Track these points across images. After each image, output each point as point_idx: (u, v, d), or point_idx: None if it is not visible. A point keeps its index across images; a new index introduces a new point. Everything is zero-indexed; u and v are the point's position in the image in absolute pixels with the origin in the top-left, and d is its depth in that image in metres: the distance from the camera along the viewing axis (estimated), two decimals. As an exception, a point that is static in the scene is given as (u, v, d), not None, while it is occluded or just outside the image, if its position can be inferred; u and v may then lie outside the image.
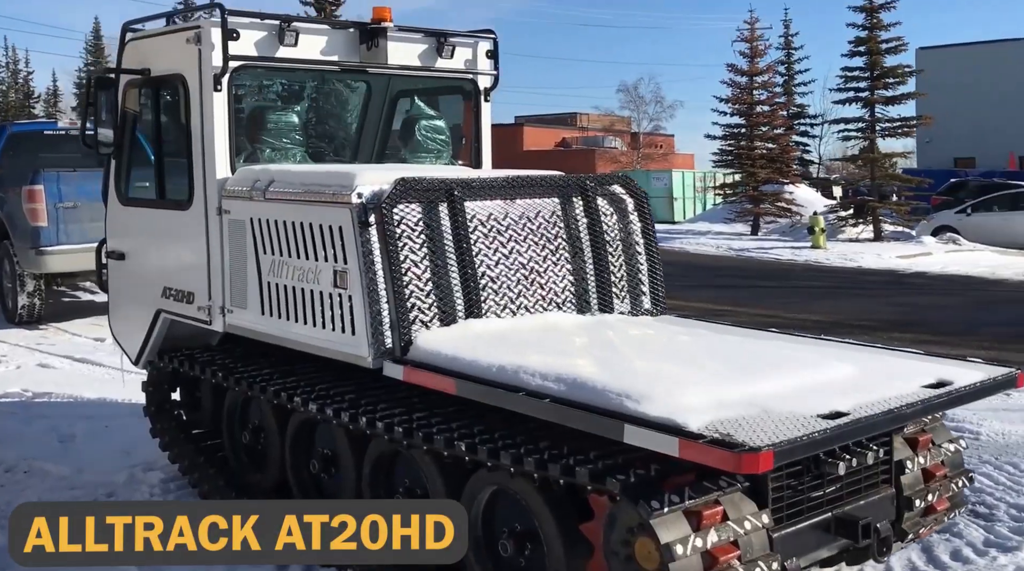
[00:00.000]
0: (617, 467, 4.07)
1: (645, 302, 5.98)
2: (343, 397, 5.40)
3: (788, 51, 33.95)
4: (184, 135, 6.23)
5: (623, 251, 5.93)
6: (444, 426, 4.79)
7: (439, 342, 4.96)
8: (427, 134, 6.90)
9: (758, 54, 32.32)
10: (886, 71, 27.77)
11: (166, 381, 6.98)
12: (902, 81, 28.29)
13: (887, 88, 28.17)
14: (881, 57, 27.94)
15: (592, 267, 5.79)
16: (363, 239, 5.08)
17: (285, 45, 6.14)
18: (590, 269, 5.79)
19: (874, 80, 27.94)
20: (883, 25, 28.15)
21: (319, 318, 5.38)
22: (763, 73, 32.82)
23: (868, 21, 28.17)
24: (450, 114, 7.39)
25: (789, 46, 34.13)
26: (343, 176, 5.24)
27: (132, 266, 6.92)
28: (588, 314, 5.71)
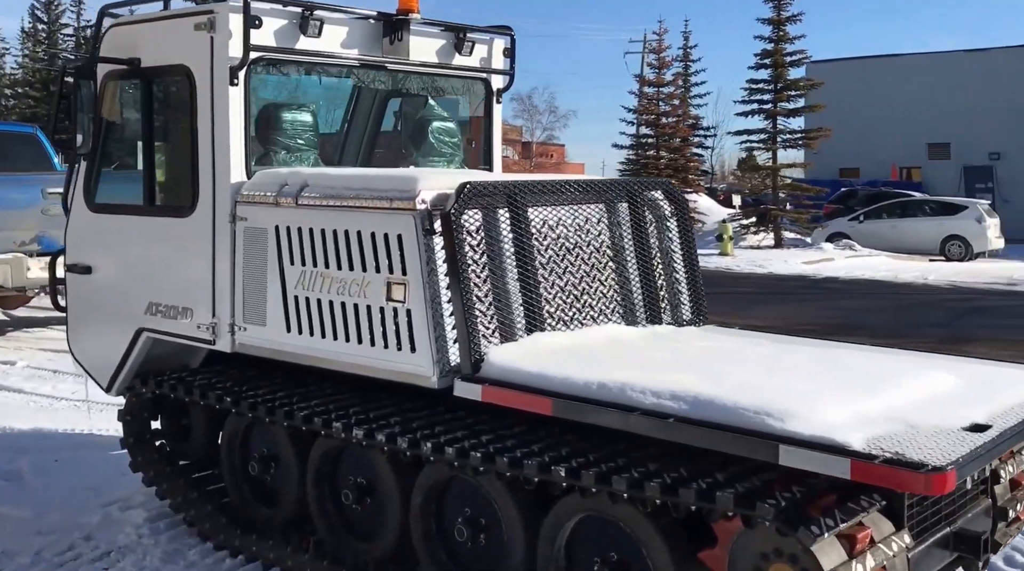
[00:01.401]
0: (756, 491, 3.73)
1: (687, 312, 5.67)
2: (388, 420, 4.92)
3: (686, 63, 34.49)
4: (187, 135, 5.63)
5: (667, 259, 5.62)
6: (525, 450, 4.37)
7: (514, 358, 4.54)
8: (440, 137, 6.46)
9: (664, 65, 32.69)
10: (789, 83, 28.39)
11: (146, 409, 6.32)
12: (803, 94, 28.99)
13: (789, 100, 28.82)
14: (785, 70, 28.57)
15: (639, 276, 5.46)
16: (427, 248, 4.63)
17: (308, 36, 5.61)
18: (636, 278, 5.46)
19: (778, 92, 28.54)
20: (789, 38, 28.79)
21: (365, 335, 4.89)
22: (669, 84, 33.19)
23: (775, 34, 28.77)
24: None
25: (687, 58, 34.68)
26: (403, 180, 4.77)
27: (102, 280, 6.24)
28: (638, 326, 5.37)
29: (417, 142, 6.47)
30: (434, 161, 6.46)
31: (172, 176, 5.98)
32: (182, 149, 5.73)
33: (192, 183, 5.59)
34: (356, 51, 5.92)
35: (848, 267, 23.49)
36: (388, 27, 6.01)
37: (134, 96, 6.13)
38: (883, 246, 27.26)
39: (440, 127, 6.47)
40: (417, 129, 6.48)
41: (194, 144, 5.55)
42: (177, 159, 5.85)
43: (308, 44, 5.65)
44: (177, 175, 5.88)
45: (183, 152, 5.70)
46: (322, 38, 5.69)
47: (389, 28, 6.01)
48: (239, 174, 5.45)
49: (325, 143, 6.61)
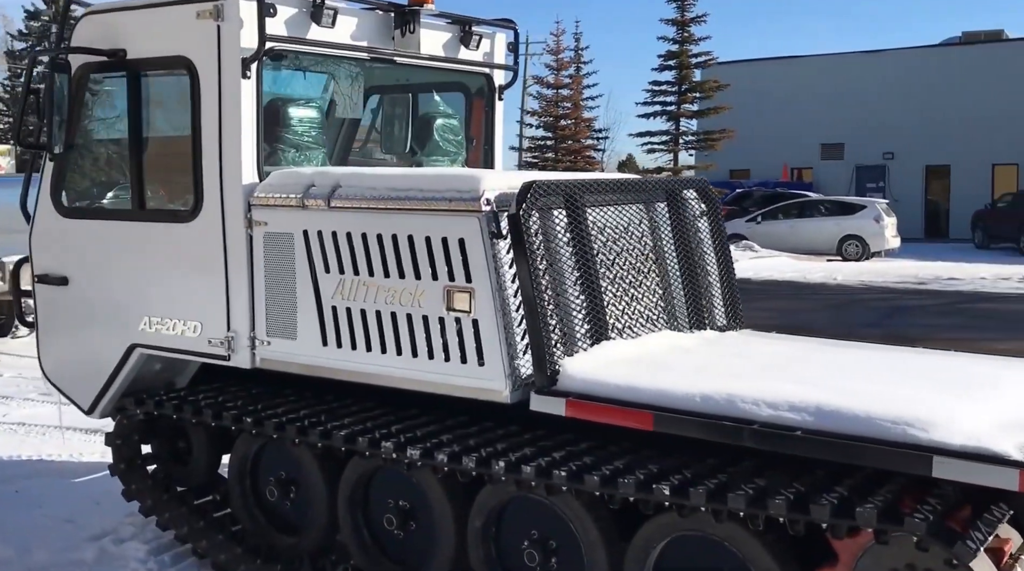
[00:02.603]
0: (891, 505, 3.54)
1: (723, 316, 5.46)
2: (441, 438, 4.57)
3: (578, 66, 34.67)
4: (187, 133, 5.14)
5: (705, 261, 5.40)
6: (612, 466, 4.09)
7: (592, 369, 4.24)
8: (444, 134, 6.11)
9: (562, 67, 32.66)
10: (695, 85, 28.69)
11: (137, 431, 5.77)
12: (709, 96, 29.30)
13: (693, 102, 29.10)
14: (691, 71, 28.84)
15: (681, 279, 5.22)
16: (494, 252, 4.29)
17: (321, 26, 5.19)
18: (678, 281, 5.22)
19: (682, 94, 28.80)
20: (694, 39, 29.08)
21: (421, 348, 4.51)
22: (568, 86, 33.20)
23: (678, 35, 29.01)
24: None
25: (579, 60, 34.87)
26: (463, 179, 4.41)
27: (83, 293, 5.67)
28: (685, 331, 5.13)
29: (422, 140, 6.11)
30: (438, 160, 6.10)
31: (168, 178, 5.46)
32: (180, 148, 5.22)
33: (195, 185, 5.11)
34: (366, 43, 5.52)
35: (755, 268, 23.78)
36: (400, 19, 5.63)
37: (115, 91, 5.59)
38: (781, 247, 27.70)
39: (445, 124, 6.12)
40: (422, 126, 6.12)
41: (197, 143, 5.07)
42: (173, 159, 5.34)
43: (321, 35, 5.24)
44: (174, 177, 5.38)
45: (182, 152, 5.20)
46: (335, 28, 5.28)
47: (401, 20, 5.63)
48: (251, 175, 4.99)
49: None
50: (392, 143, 6.64)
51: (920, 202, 37.44)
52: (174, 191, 5.37)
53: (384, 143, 6.66)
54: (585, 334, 4.47)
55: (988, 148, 36.26)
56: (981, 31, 40.04)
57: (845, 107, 37.90)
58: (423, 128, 6.09)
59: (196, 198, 5.10)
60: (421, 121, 6.12)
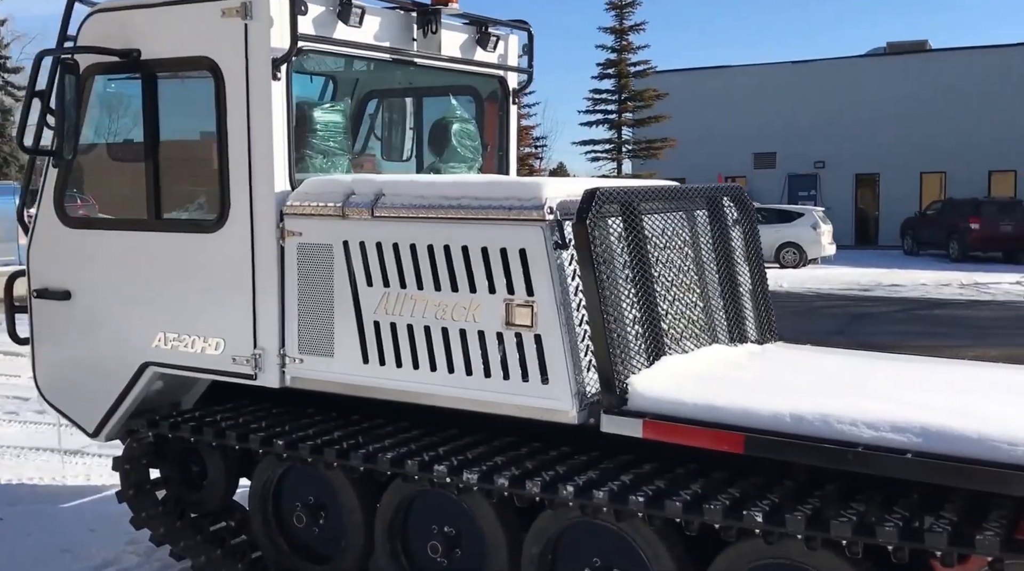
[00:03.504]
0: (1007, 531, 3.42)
1: (758, 329, 5.32)
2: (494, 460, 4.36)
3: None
4: (212, 138, 4.84)
5: (743, 270, 5.26)
6: (691, 491, 3.91)
7: (663, 388, 4.06)
8: (462, 140, 5.88)
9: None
10: (635, 94, 28.79)
11: (147, 455, 5.43)
12: (648, 104, 29.41)
13: (634, 111, 29.17)
14: (629, 80, 28.90)
15: (721, 289, 5.08)
16: (559, 264, 4.08)
17: (349, 25, 4.94)
18: (719, 291, 5.07)
19: (622, 103, 28.84)
20: (632, 47, 29.15)
21: (477, 365, 4.28)
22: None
23: (617, 43, 29.05)
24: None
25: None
26: (524, 186, 4.19)
27: (88, 308, 5.33)
28: (729, 344, 4.99)
29: (439, 146, 5.87)
30: (455, 167, 5.88)
31: (188, 186, 5.14)
32: (203, 155, 4.94)
33: (220, 194, 4.81)
34: (389, 43, 5.28)
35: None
36: (421, 18, 5.41)
37: (126, 93, 5.25)
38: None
39: (462, 129, 5.89)
40: (439, 131, 5.88)
41: (223, 149, 4.77)
42: (195, 166, 5.04)
43: (347, 34, 4.99)
44: (196, 184, 5.07)
45: (205, 158, 4.91)
46: (362, 28, 5.03)
47: (422, 20, 5.41)
48: (283, 183, 4.72)
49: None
50: (391, 149, 6.40)
51: (850, 210, 38.12)
52: (195, 200, 5.06)
53: (383, 149, 6.42)
54: (646, 349, 4.29)
55: (915, 157, 37.08)
56: (905, 42, 40.93)
57: (776, 116, 38.44)
58: (440, 133, 5.84)
59: (221, 207, 4.80)
60: (438, 126, 5.87)
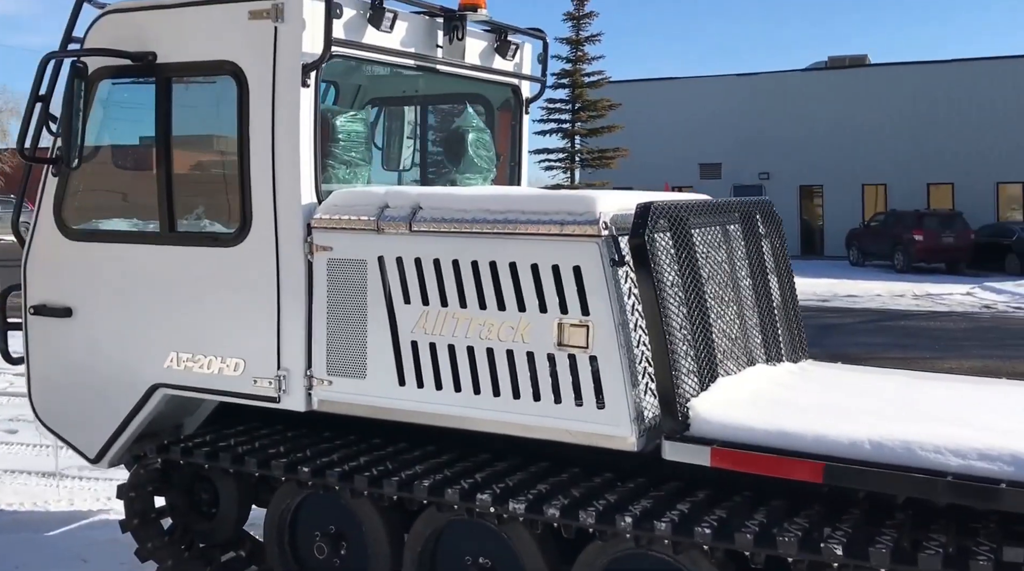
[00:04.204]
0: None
1: (790, 346, 5.19)
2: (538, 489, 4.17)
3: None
4: (232, 147, 4.58)
5: (776, 286, 5.13)
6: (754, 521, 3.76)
7: (726, 412, 3.90)
8: (477, 150, 5.68)
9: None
10: (589, 104, 28.74)
11: (152, 482, 5.13)
12: (601, 114, 29.41)
13: (588, 121, 29.15)
14: (584, 90, 28.87)
15: (757, 307, 4.94)
16: (616, 281, 3.90)
17: (381, 30, 4.72)
18: (755, 308, 4.94)
19: (576, 112, 28.77)
20: (588, 58, 29.12)
21: (525, 388, 4.07)
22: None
23: (573, 54, 29.01)
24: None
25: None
26: (577, 200, 4.00)
27: (92, 326, 5.02)
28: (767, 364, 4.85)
29: (455, 156, 5.67)
30: (471, 178, 5.68)
31: (206, 197, 4.87)
32: (223, 164, 4.68)
33: (242, 206, 4.55)
34: (415, 50, 5.07)
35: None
36: (447, 25, 5.21)
37: (138, 98, 4.96)
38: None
39: (478, 139, 5.69)
40: (455, 141, 5.67)
41: (244, 158, 4.51)
42: (214, 176, 4.77)
43: (377, 39, 4.76)
44: (214, 196, 4.80)
45: (225, 168, 4.66)
46: (393, 33, 4.82)
47: (449, 26, 5.21)
48: (309, 194, 4.47)
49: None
50: (388, 159, 6.19)
51: (795, 220, 38.52)
52: (213, 212, 4.78)
53: (382, 159, 6.20)
54: (701, 371, 4.12)
55: (857, 169, 37.64)
56: (846, 56, 41.53)
57: (722, 128, 38.81)
58: (457, 143, 5.64)
59: (243, 220, 4.54)
60: (454, 136, 5.67)
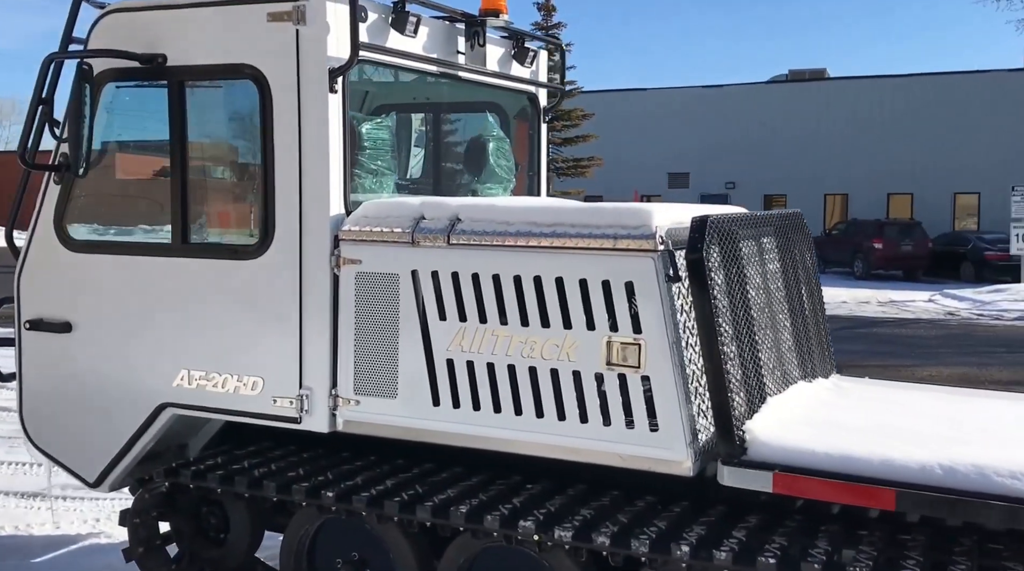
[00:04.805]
0: None
1: (821, 361, 5.05)
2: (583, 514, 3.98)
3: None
4: (252, 155, 4.35)
5: (806, 300, 4.99)
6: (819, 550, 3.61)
7: (784, 435, 3.73)
8: (498, 160, 5.50)
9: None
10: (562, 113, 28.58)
11: (158, 507, 4.87)
12: (575, 123, 29.31)
13: (561, 130, 29.03)
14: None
15: (792, 321, 4.79)
16: (671, 298, 3.72)
17: (405, 35, 4.51)
18: (788, 324, 4.79)
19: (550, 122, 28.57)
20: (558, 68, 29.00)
21: (571, 409, 3.88)
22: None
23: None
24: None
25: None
26: (631, 213, 3.81)
27: (92, 342, 4.75)
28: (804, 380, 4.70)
29: (476, 166, 5.47)
30: (491, 188, 5.49)
31: (223, 207, 4.62)
32: (242, 173, 4.44)
33: (264, 216, 4.31)
34: (436, 55, 4.87)
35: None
36: (470, 29, 5.01)
37: (144, 102, 4.71)
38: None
39: (498, 148, 5.51)
40: (476, 150, 5.48)
41: (268, 167, 4.28)
42: (232, 186, 4.53)
43: (399, 44, 4.56)
44: (232, 206, 4.56)
45: (244, 176, 4.43)
46: (416, 38, 4.62)
47: (471, 31, 5.01)
48: (338, 205, 4.25)
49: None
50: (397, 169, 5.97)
51: (759, 229, 38.76)
52: (230, 222, 4.54)
53: None
54: (751, 391, 3.96)
55: (819, 179, 38.07)
56: (806, 70, 41.93)
57: (689, 138, 39.09)
58: (478, 153, 5.45)
59: (265, 231, 4.30)
60: (475, 145, 5.48)
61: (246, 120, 4.38)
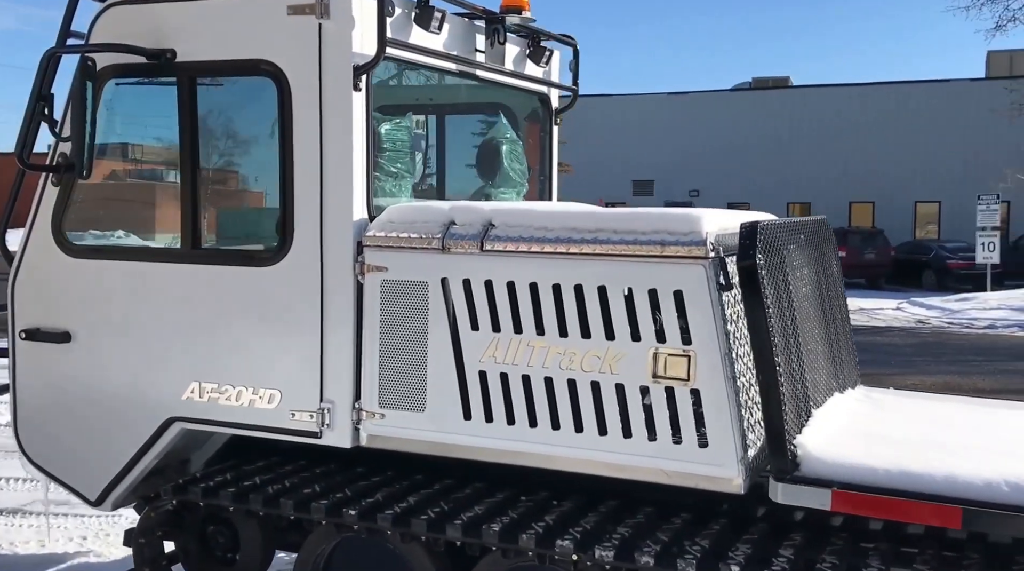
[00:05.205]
0: None
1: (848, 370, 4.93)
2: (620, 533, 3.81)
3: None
4: (269, 156, 4.14)
5: (835, 309, 4.86)
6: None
7: (839, 450, 3.60)
8: (512, 163, 5.33)
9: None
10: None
11: (164, 525, 4.62)
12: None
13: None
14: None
15: (825, 330, 4.66)
16: (721, 307, 3.57)
17: (430, 31, 4.32)
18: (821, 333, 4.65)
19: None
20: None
21: (614, 423, 3.71)
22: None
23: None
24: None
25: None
26: (679, 219, 3.65)
27: (93, 353, 4.51)
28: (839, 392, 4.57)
29: (490, 169, 5.29)
30: (505, 192, 5.31)
31: (238, 211, 4.40)
32: (258, 175, 4.23)
33: (283, 221, 4.10)
34: (456, 53, 4.69)
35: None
36: (490, 27, 4.84)
37: (150, 100, 4.48)
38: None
39: (512, 151, 5.34)
40: (490, 154, 5.29)
41: (286, 168, 4.07)
42: (248, 188, 4.30)
43: (422, 40, 4.37)
44: (247, 209, 4.34)
45: (261, 179, 4.21)
46: (441, 35, 4.44)
47: (491, 28, 4.84)
48: (361, 209, 4.05)
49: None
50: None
51: (723, 237, 38.93)
52: (245, 227, 4.32)
53: None
54: (799, 404, 3.81)
55: (782, 187, 38.27)
56: (770, 77, 42.22)
57: (654, 145, 39.15)
58: (492, 156, 5.27)
59: (283, 236, 4.09)
60: (488, 148, 5.29)
61: (261, 119, 4.16)
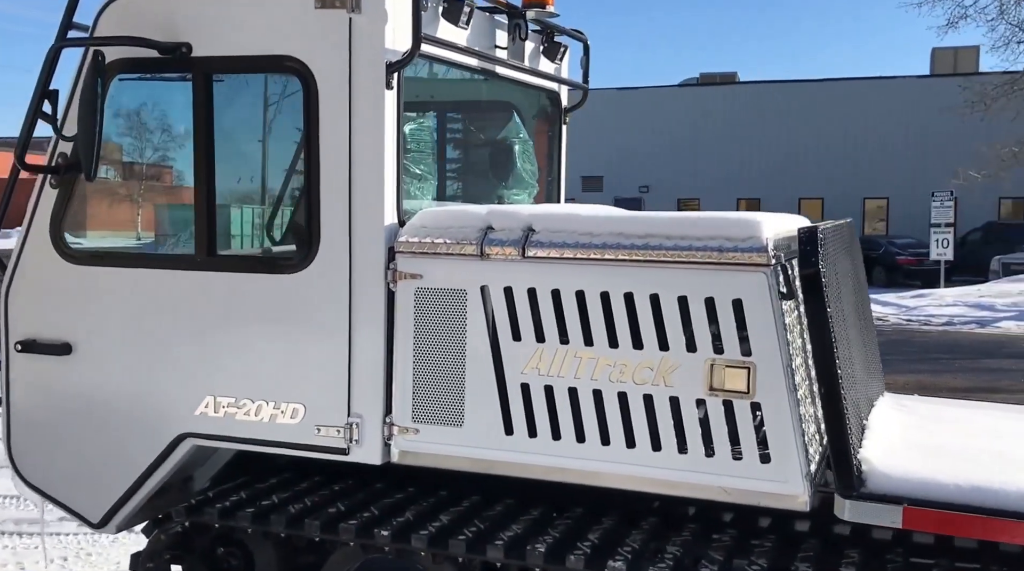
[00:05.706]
0: None
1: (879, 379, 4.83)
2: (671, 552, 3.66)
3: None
4: (294, 157, 3.91)
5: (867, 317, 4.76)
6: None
7: (905, 465, 3.47)
8: (524, 164, 5.15)
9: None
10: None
11: (171, 548, 4.37)
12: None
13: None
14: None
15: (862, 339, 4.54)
16: (782, 316, 3.42)
17: (459, 26, 4.12)
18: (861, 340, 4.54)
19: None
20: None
21: (668, 438, 3.54)
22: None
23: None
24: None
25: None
26: (736, 223, 3.48)
27: (96, 365, 4.22)
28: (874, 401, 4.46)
29: (503, 170, 5.10)
30: (517, 194, 5.13)
31: (258, 216, 4.15)
32: (281, 177, 3.99)
33: (308, 226, 3.87)
34: (479, 48, 4.49)
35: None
36: (512, 22, 4.65)
37: (161, 98, 4.21)
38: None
39: (524, 152, 5.15)
40: (503, 154, 5.10)
41: (312, 171, 3.83)
42: (269, 191, 4.06)
43: (455, 36, 4.17)
44: (270, 214, 4.10)
45: (284, 181, 3.97)
46: (469, 30, 4.23)
47: (513, 23, 4.65)
48: (392, 213, 3.83)
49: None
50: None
51: (673, 233, 39.09)
52: (269, 233, 4.07)
53: None
54: (856, 416, 3.68)
55: (731, 183, 38.54)
56: (717, 73, 42.48)
57: (602, 141, 39.11)
58: (505, 156, 5.08)
59: (308, 242, 3.86)
60: (501, 147, 5.10)
61: (285, 118, 3.92)
